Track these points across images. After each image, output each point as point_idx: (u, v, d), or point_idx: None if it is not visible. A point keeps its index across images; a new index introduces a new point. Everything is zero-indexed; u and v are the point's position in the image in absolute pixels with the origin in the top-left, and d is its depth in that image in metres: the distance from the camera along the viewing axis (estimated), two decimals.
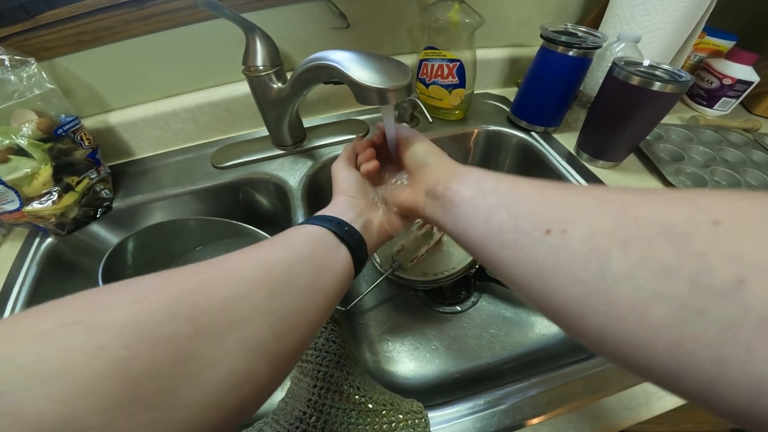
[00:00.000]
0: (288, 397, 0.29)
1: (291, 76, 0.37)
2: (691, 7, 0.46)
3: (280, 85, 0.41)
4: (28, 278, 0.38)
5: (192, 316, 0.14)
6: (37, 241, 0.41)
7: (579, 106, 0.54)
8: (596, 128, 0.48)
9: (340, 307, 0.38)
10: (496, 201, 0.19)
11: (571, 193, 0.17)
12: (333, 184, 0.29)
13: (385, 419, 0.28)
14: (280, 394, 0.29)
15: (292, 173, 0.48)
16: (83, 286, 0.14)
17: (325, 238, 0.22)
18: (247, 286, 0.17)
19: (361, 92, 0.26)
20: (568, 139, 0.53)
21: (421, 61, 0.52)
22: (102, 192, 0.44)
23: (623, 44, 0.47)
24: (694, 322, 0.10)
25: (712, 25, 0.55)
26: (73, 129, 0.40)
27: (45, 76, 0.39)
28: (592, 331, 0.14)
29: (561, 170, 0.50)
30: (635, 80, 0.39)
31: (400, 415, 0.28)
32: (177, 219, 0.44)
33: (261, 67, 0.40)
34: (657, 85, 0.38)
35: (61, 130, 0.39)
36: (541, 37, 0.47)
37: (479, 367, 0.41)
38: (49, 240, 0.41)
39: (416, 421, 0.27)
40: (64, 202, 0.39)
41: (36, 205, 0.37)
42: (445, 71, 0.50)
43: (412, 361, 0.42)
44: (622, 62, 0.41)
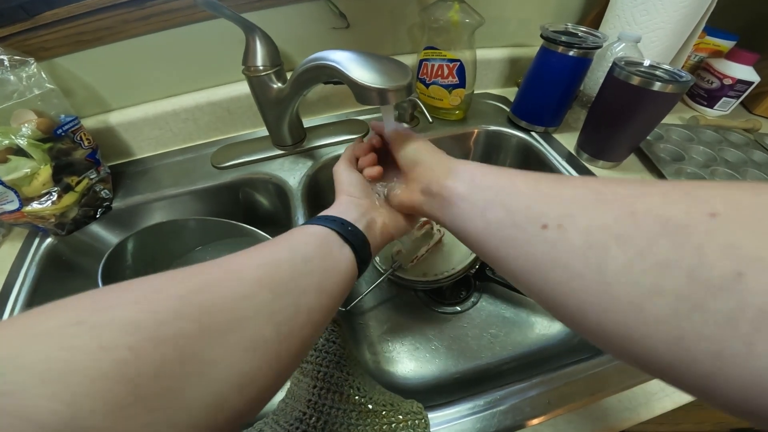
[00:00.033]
0: (288, 398, 0.29)
1: (291, 76, 0.37)
2: (692, 7, 0.46)
3: (280, 85, 0.41)
4: (28, 278, 0.38)
5: (195, 316, 0.14)
6: (37, 241, 0.41)
7: (579, 106, 0.54)
8: (596, 128, 0.48)
9: (340, 308, 0.38)
10: (491, 196, 0.19)
11: (566, 186, 0.17)
12: (335, 185, 0.29)
13: (385, 420, 0.28)
14: (280, 394, 0.29)
15: (292, 173, 0.48)
16: (83, 287, 0.14)
17: (329, 239, 0.22)
18: (250, 286, 0.17)
19: (361, 92, 0.26)
20: (569, 139, 0.53)
21: (421, 61, 0.51)
22: (102, 192, 0.44)
23: (623, 44, 0.47)
24: (693, 317, 0.10)
25: (713, 25, 0.55)
26: (73, 129, 0.40)
27: (44, 76, 0.39)
28: (592, 325, 0.14)
29: (561, 170, 0.50)
30: (635, 80, 0.39)
31: (400, 416, 0.28)
32: (177, 219, 0.44)
33: (261, 67, 0.40)
34: (657, 85, 0.38)
35: (60, 130, 0.39)
36: (542, 37, 0.47)
37: (479, 368, 0.41)
38: (49, 240, 0.41)
39: (416, 422, 0.27)
40: (64, 203, 0.39)
41: (36, 206, 0.37)
42: (445, 71, 0.50)
43: (412, 362, 0.42)
44: (623, 62, 0.41)
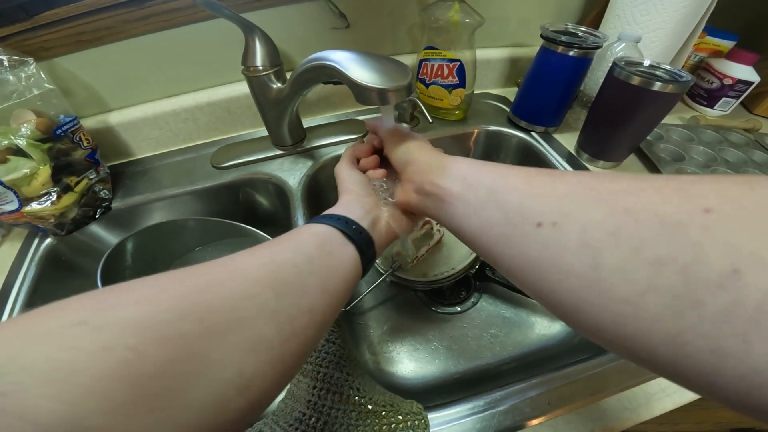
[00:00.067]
0: (287, 398, 0.29)
1: (290, 76, 0.37)
2: (692, 7, 0.46)
3: (279, 85, 0.41)
4: (28, 279, 0.38)
5: (198, 317, 0.14)
6: (37, 241, 0.41)
7: (579, 106, 0.54)
8: (596, 128, 0.48)
9: None
10: (485, 195, 0.19)
11: (560, 183, 0.17)
12: (338, 185, 0.29)
13: (385, 420, 0.28)
14: (279, 395, 0.29)
15: (292, 173, 0.48)
16: (82, 287, 0.14)
17: (333, 237, 0.22)
18: (253, 286, 0.17)
19: (361, 92, 0.26)
20: (569, 139, 0.53)
21: (421, 61, 0.51)
22: (101, 192, 0.44)
23: (624, 44, 0.47)
24: (690, 314, 0.10)
25: (713, 25, 0.55)
26: (72, 129, 0.40)
27: (44, 76, 0.39)
28: (590, 323, 0.14)
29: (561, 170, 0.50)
30: (636, 80, 0.39)
31: (400, 416, 0.28)
32: (176, 219, 0.44)
33: (260, 67, 0.40)
34: (657, 85, 0.38)
35: (60, 131, 0.39)
36: (542, 37, 0.47)
37: (479, 368, 0.41)
38: (49, 240, 0.41)
39: (416, 422, 0.27)
40: (64, 203, 0.39)
41: (35, 206, 0.37)
42: (445, 71, 0.50)
43: (411, 362, 0.42)
44: (623, 62, 0.41)
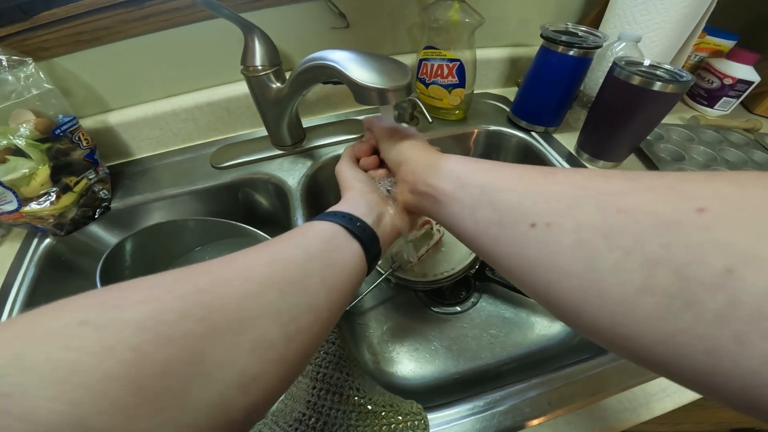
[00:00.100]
0: (287, 399, 0.29)
1: (290, 76, 0.37)
2: (692, 7, 0.46)
3: (279, 85, 0.41)
4: (27, 279, 0.38)
5: (202, 316, 0.14)
6: (36, 241, 0.41)
7: (579, 106, 0.54)
8: (597, 128, 0.48)
9: None
10: (478, 194, 0.19)
11: (554, 182, 0.16)
12: (340, 184, 0.28)
13: (385, 421, 0.28)
14: None
15: (292, 173, 0.48)
16: (82, 287, 0.14)
17: (337, 235, 0.22)
18: (257, 285, 0.16)
19: (361, 92, 0.26)
20: (569, 139, 0.53)
21: (421, 61, 0.51)
22: (100, 192, 0.44)
23: (624, 44, 0.47)
24: (684, 314, 0.10)
25: (713, 25, 0.55)
26: (71, 129, 0.40)
27: (43, 76, 0.38)
28: (588, 324, 0.14)
29: None
30: (636, 80, 0.39)
31: (400, 417, 0.28)
32: (176, 219, 0.44)
33: (260, 67, 0.40)
34: (658, 85, 0.38)
35: (59, 131, 0.39)
36: (542, 36, 0.47)
37: (479, 368, 0.41)
38: (48, 240, 0.41)
39: (416, 423, 0.27)
40: (63, 203, 0.39)
41: (34, 206, 0.37)
42: (445, 71, 0.50)
43: (411, 362, 0.42)
44: (623, 62, 0.41)
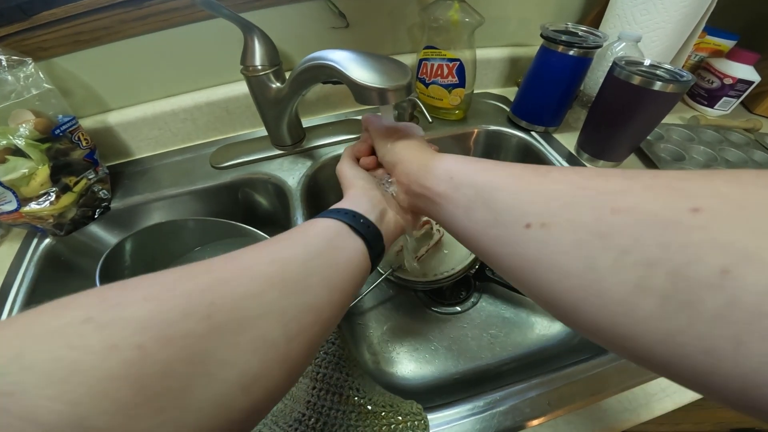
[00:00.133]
0: (287, 399, 0.29)
1: (289, 75, 0.37)
2: (692, 7, 0.46)
3: (278, 84, 0.41)
4: (26, 279, 0.38)
5: (205, 315, 0.14)
6: (35, 241, 0.41)
7: (579, 105, 0.54)
8: (597, 128, 0.48)
9: None
10: (472, 195, 0.19)
11: (549, 181, 0.16)
12: (342, 183, 0.28)
13: (385, 421, 0.28)
14: None
15: (292, 173, 0.48)
16: (81, 287, 0.14)
17: (340, 232, 0.22)
18: (260, 283, 0.16)
19: (361, 92, 0.26)
20: (569, 139, 0.53)
21: (421, 61, 0.51)
22: (100, 192, 0.44)
23: (624, 44, 0.47)
24: (681, 314, 0.10)
25: (713, 25, 0.55)
26: (71, 129, 0.40)
27: (42, 76, 0.38)
28: (588, 324, 0.13)
29: None
30: (636, 80, 0.39)
31: (400, 417, 0.28)
32: (176, 219, 0.44)
33: (259, 67, 0.40)
34: (658, 85, 0.38)
35: (58, 131, 0.39)
36: (542, 36, 0.47)
37: (479, 368, 0.41)
38: (47, 241, 0.41)
39: (416, 423, 0.27)
40: (62, 203, 0.39)
41: (34, 206, 0.37)
42: (445, 71, 0.50)
43: (411, 362, 0.42)
44: (623, 62, 0.41)
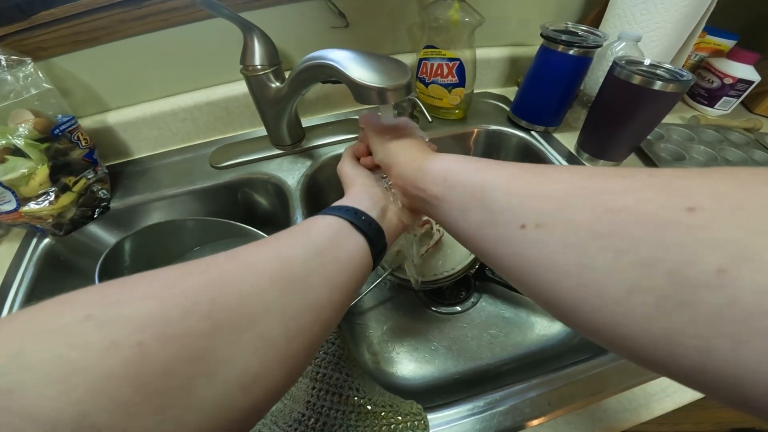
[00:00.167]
0: (286, 399, 0.29)
1: (289, 75, 0.37)
2: (692, 7, 0.46)
3: (278, 84, 0.41)
4: (26, 279, 0.38)
5: (206, 313, 0.14)
6: (35, 241, 0.41)
7: (579, 105, 0.54)
8: (597, 128, 0.48)
9: None
10: (468, 196, 0.19)
11: (544, 180, 0.16)
12: (343, 182, 0.28)
13: (384, 421, 0.28)
14: None
15: (291, 173, 0.48)
16: (81, 287, 0.14)
17: (342, 229, 0.22)
18: (262, 281, 0.16)
19: (360, 92, 0.26)
20: (569, 139, 0.53)
21: (421, 60, 0.51)
22: (99, 192, 0.44)
23: (624, 43, 0.47)
24: (678, 314, 0.10)
25: (713, 25, 0.55)
26: (70, 129, 0.40)
27: (42, 76, 0.38)
28: (588, 324, 0.13)
29: None
30: (636, 79, 0.39)
31: (400, 417, 0.28)
32: (175, 219, 0.44)
33: (259, 67, 0.40)
34: (658, 85, 0.38)
35: (57, 130, 0.38)
36: (542, 36, 0.47)
37: (479, 368, 0.41)
38: (47, 240, 0.41)
39: (415, 423, 0.27)
40: (61, 203, 0.39)
41: (33, 206, 0.37)
42: (445, 70, 0.50)
43: (411, 362, 0.42)
44: (623, 61, 0.41)
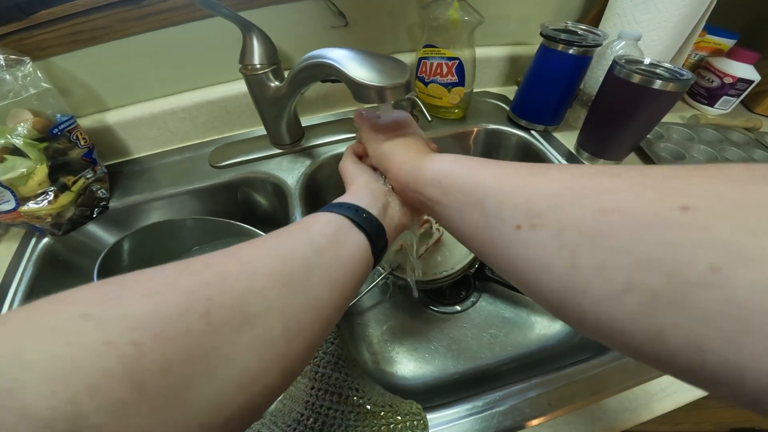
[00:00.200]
0: (285, 399, 0.29)
1: (288, 74, 0.37)
2: (692, 6, 0.46)
3: (277, 83, 0.41)
4: (25, 278, 0.38)
5: (205, 312, 0.14)
6: (34, 241, 0.41)
7: (579, 104, 0.54)
8: (597, 127, 0.48)
9: None
10: (463, 198, 0.19)
11: (540, 180, 0.16)
12: (345, 179, 0.28)
13: (384, 421, 0.28)
14: None
15: (291, 172, 0.47)
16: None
17: (342, 227, 0.21)
18: (262, 280, 0.16)
19: (359, 90, 0.26)
20: (569, 138, 0.53)
21: (420, 59, 0.51)
22: (98, 192, 0.44)
23: (624, 42, 0.47)
24: (669, 312, 0.10)
25: (713, 24, 0.55)
26: (69, 128, 0.40)
27: (41, 76, 0.38)
28: (590, 323, 0.14)
29: None
30: (636, 78, 0.39)
31: (399, 417, 0.28)
32: (174, 219, 0.43)
33: (258, 66, 0.40)
34: (658, 84, 0.38)
35: (56, 130, 0.38)
36: (541, 35, 0.47)
37: (479, 368, 0.41)
38: (46, 240, 0.41)
39: (415, 423, 0.27)
40: (60, 202, 0.39)
41: (32, 205, 0.37)
42: (445, 69, 0.50)
43: (411, 362, 0.42)
44: (623, 60, 0.41)
